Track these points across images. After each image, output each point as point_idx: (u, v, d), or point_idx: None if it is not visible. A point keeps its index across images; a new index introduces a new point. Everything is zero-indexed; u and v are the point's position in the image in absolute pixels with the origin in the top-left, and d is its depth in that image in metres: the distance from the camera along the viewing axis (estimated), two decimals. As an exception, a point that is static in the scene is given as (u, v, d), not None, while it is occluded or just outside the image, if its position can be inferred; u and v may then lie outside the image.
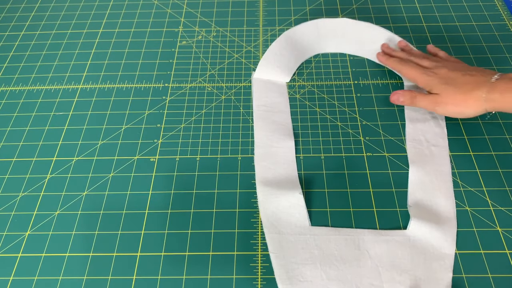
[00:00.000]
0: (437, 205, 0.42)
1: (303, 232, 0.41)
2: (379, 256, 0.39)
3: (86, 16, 0.64)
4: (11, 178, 0.46)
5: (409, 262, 0.39)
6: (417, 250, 0.39)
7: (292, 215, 0.42)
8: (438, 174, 0.45)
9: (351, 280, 0.38)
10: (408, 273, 0.38)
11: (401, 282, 0.38)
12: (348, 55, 0.57)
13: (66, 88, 0.55)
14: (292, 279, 0.38)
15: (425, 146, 0.47)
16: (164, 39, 0.60)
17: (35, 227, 0.43)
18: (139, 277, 0.39)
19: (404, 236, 0.40)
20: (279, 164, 0.46)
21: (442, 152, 0.46)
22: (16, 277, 0.40)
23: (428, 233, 0.40)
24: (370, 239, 0.40)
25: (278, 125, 0.49)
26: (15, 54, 0.59)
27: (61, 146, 0.49)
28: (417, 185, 0.44)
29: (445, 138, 0.47)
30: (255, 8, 0.64)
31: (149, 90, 0.54)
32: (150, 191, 0.45)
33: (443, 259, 0.39)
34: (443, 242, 0.40)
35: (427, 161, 0.45)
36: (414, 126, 0.48)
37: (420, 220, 0.41)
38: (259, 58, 0.57)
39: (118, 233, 0.42)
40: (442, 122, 0.49)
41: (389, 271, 0.38)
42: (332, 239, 0.40)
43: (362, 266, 0.39)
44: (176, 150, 0.48)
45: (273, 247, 0.40)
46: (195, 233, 0.42)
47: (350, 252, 0.40)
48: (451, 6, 0.62)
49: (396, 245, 0.40)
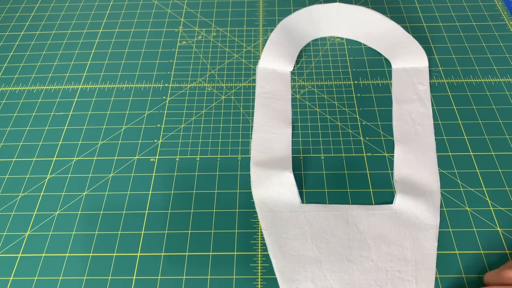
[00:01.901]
0: (421, 179, 0.44)
1: (294, 210, 0.42)
2: (367, 229, 0.41)
3: (86, 16, 0.64)
4: (11, 178, 0.46)
5: (396, 234, 0.40)
6: (403, 223, 0.41)
7: (283, 193, 0.43)
8: (423, 151, 0.46)
9: (341, 252, 0.39)
10: (395, 244, 0.40)
11: (389, 252, 0.39)
12: (348, 55, 0.57)
13: (66, 88, 0.55)
14: (284, 253, 0.39)
15: (410, 125, 0.48)
16: (164, 39, 0.60)
17: (35, 227, 0.43)
18: (139, 277, 0.39)
19: (391, 210, 0.42)
20: (274, 148, 0.47)
21: (427, 131, 0.48)
22: (16, 277, 0.40)
23: (413, 206, 0.42)
24: (358, 214, 0.42)
25: (278, 112, 0.50)
26: (15, 54, 0.59)
27: (61, 146, 0.49)
28: (403, 161, 0.46)
29: (430, 118, 0.49)
30: (255, 8, 0.64)
31: (149, 90, 0.54)
32: (150, 191, 0.45)
33: (428, 230, 0.41)
34: (428, 214, 0.41)
35: (413, 139, 0.47)
36: (400, 106, 0.50)
37: (405, 194, 0.42)
38: (259, 58, 0.57)
39: (118, 233, 0.42)
40: (427, 103, 0.50)
41: (377, 243, 0.40)
42: (322, 215, 0.42)
43: (351, 239, 0.40)
44: (176, 150, 0.48)
45: (266, 225, 0.41)
46: (195, 233, 0.42)
47: (339, 226, 0.41)
48: (451, 6, 0.62)
49: (383, 218, 0.41)
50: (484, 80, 0.53)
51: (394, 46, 0.56)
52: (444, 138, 0.48)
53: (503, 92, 0.52)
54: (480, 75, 0.53)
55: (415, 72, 0.53)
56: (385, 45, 0.56)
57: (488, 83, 0.53)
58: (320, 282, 0.38)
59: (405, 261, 0.39)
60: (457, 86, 0.53)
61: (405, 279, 0.38)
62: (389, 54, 0.56)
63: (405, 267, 0.39)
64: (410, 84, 0.52)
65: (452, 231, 0.41)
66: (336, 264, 0.39)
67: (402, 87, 0.52)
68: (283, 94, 0.52)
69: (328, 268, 0.39)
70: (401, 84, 0.53)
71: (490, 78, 0.53)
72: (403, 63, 0.54)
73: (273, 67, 0.55)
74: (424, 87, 0.52)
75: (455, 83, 0.53)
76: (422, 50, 0.54)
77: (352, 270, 0.38)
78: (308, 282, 0.38)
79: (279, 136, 0.48)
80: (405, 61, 0.54)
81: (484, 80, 0.53)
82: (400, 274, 0.38)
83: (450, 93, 0.52)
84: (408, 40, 0.55)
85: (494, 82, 0.53)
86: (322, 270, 0.38)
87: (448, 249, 0.40)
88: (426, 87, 0.52)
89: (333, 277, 0.38)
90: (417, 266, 0.39)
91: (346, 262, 0.39)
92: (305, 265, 0.39)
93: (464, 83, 0.53)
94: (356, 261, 0.39)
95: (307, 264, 0.39)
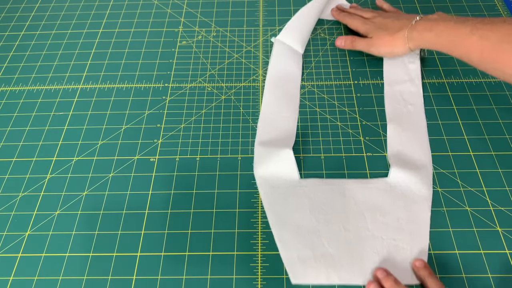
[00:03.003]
0: (413, 155, 0.46)
1: (293, 185, 0.44)
2: (363, 201, 0.42)
3: (86, 16, 0.64)
4: (11, 178, 0.46)
5: (390, 205, 0.42)
6: (397, 195, 0.43)
7: (283, 170, 0.44)
8: (415, 128, 0.48)
9: (339, 222, 0.41)
10: (391, 214, 0.41)
11: (384, 222, 0.41)
12: (348, 55, 0.57)
13: (66, 88, 0.55)
14: (285, 224, 0.41)
15: (402, 105, 0.50)
16: (164, 39, 0.60)
17: (35, 227, 0.43)
18: (139, 277, 0.39)
19: (386, 183, 0.44)
20: (279, 130, 0.49)
21: (418, 110, 0.50)
22: (16, 277, 0.40)
23: (407, 179, 0.43)
24: (354, 187, 0.43)
25: (287, 95, 0.52)
26: (15, 54, 0.59)
27: (61, 146, 0.49)
28: (395, 139, 0.47)
29: (420, 97, 0.51)
30: (255, 8, 0.64)
31: (149, 90, 0.54)
32: (150, 191, 0.45)
33: (421, 201, 0.42)
34: (421, 186, 0.43)
35: (405, 118, 0.49)
36: (392, 87, 0.52)
37: (399, 168, 0.44)
38: (259, 58, 0.57)
39: (118, 233, 0.42)
40: (418, 82, 0.52)
41: (373, 214, 0.41)
42: (319, 189, 0.43)
43: (348, 211, 0.42)
44: (176, 150, 0.48)
45: (267, 199, 0.43)
46: (195, 233, 0.42)
47: (336, 199, 0.43)
48: (451, 6, 0.62)
49: (379, 191, 0.43)
50: (484, 80, 0.53)
51: None
52: (444, 138, 0.48)
53: (503, 92, 0.52)
54: (480, 75, 0.53)
55: None
56: None
57: (488, 83, 0.53)
58: (319, 250, 0.39)
59: (400, 230, 0.40)
60: (457, 86, 0.53)
61: (400, 247, 0.40)
62: None
63: (400, 236, 0.40)
64: (401, 63, 0.54)
65: (452, 231, 0.41)
66: (334, 233, 0.40)
67: (393, 67, 0.54)
68: (294, 76, 0.54)
69: (326, 237, 0.40)
70: (393, 64, 0.55)
71: (490, 78, 0.53)
72: None
73: (290, 43, 0.57)
74: (414, 65, 0.54)
75: (455, 83, 0.53)
76: None
77: (349, 239, 0.40)
78: (308, 250, 0.39)
79: (286, 119, 0.50)
80: None
81: (484, 80, 0.53)
82: (395, 242, 0.40)
83: (450, 93, 0.52)
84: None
85: (494, 82, 0.53)
86: (320, 238, 0.40)
87: (448, 249, 0.40)
88: (417, 66, 0.54)
89: (331, 245, 0.40)
90: (411, 234, 0.40)
91: (343, 231, 0.40)
92: (304, 235, 0.40)
93: (464, 83, 0.53)
94: (353, 231, 0.40)
95: (306, 233, 0.40)
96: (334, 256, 0.39)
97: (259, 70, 0.55)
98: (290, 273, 0.38)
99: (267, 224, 0.42)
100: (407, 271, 0.38)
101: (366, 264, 0.39)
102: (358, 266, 0.39)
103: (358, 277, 0.38)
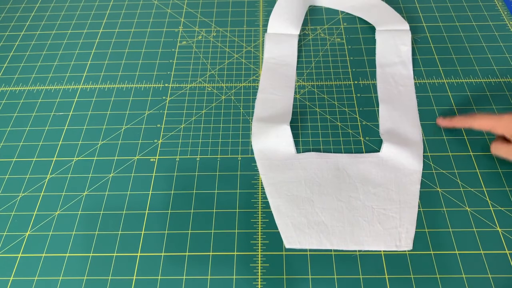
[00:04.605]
0: (405, 132, 0.48)
1: (289, 158, 0.46)
2: (356, 174, 0.45)
3: (86, 16, 0.64)
4: (11, 178, 0.46)
5: (382, 178, 0.44)
6: (389, 168, 0.45)
7: (280, 144, 0.46)
8: (406, 108, 0.50)
9: (332, 193, 0.43)
10: (382, 186, 0.44)
11: (376, 193, 0.43)
12: (348, 55, 0.57)
13: (66, 88, 0.55)
14: (280, 193, 0.43)
15: (393, 86, 0.52)
16: (164, 39, 0.60)
17: (35, 227, 0.43)
18: (139, 277, 0.39)
19: (378, 157, 0.46)
20: (276, 108, 0.51)
21: (409, 91, 0.52)
22: (16, 277, 0.40)
23: (398, 153, 0.45)
24: (347, 161, 0.46)
25: (283, 76, 0.54)
26: (15, 54, 0.59)
27: (61, 146, 0.49)
28: (387, 117, 0.49)
29: (411, 79, 0.53)
30: (255, 8, 0.64)
31: (149, 90, 0.54)
32: (150, 191, 0.45)
33: (411, 175, 0.44)
34: (412, 160, 0.45)
35: (396, 99, 0.51)
36: (384, 70, 0.54)
37: (391, 144, 0.46)
38: (259, 58, 0.57)
39: (118, 233, 0.42)
40: (409, 65, 0.54)
41: (365, 185, 0.44)
42: (315, 161, 0.46)
43: (341, 182, 0.44)
44: (176, 150, 0.48)
45: (264, 170, 0.45)
46: (195, 233, 0.42)
47: (330, 171, 0.45)
48: (451, 6, 0.62)
49: (371, 165, 0.45)
50: (484, 80, 0.53)
51: (378, 15, 0.60)
52: (444, 138, 0.48)
53: (503, 92, 0.52)
54: (480, 75, 0.53)
55: (397, 33, 0.57)
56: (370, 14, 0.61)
57: (488, 83, 0.53)
58: (312, 218, 0.42)
59: (390, 201, 0.43)
60: (457, 86, 0.53)
61: (389, 216, 0.42)
62: (374, 21, 0.60)
63: (390, 206, 0.42)
64: (393, 45, 0.56)
65: (452, 231, 0.41)
66: (327, 203, 0.43)
67: (385, 49, 0.56)
68: (289, 59, 0.56)
69: (319, 206, 0.42)
70: (385, 46, 0.56)
71: (490, 78, 0.53)
72: (386, 26, 0.58)
73: (281, 31, 0.58)
74: (406, 47, 0.55)
75: (455, 83, 0.53)
76: (402, 19, 0.58)
77: (341, 208, 0.42)
78: (302, 217, 0.42)
79: (281, 98, 0.52)
80: (388, 25, 0.58)
81: (484, 80, 0.53)
82: (385, 211, 0.42)
83: (450, 93, 0.52)
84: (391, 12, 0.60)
85: (494, 82, 0.53)
86: (314, 207, 0.42)
87: (448, 249, 0.40)
88: (408, 48, 0.55)
89: (324, 213, 0.42)
90: (401, 204, 0.42)
91: (336, 201, 0.43)
92: (299, 204, 0.43)
93: (464, 83, 0.53)
94: (345, 201, 0.43)
95: (300, 203, 0.43)
96: (327, 224, 0.41)
97: (259, 70, 0.55)
98: (284, 238, 0.41)
99: (267, 224, 0.42)
100: (395, 238, 0.40)
101: (356, 231, 0.41)
102: (349, 233, 0.41)
103: (348, 244, 0.40)
